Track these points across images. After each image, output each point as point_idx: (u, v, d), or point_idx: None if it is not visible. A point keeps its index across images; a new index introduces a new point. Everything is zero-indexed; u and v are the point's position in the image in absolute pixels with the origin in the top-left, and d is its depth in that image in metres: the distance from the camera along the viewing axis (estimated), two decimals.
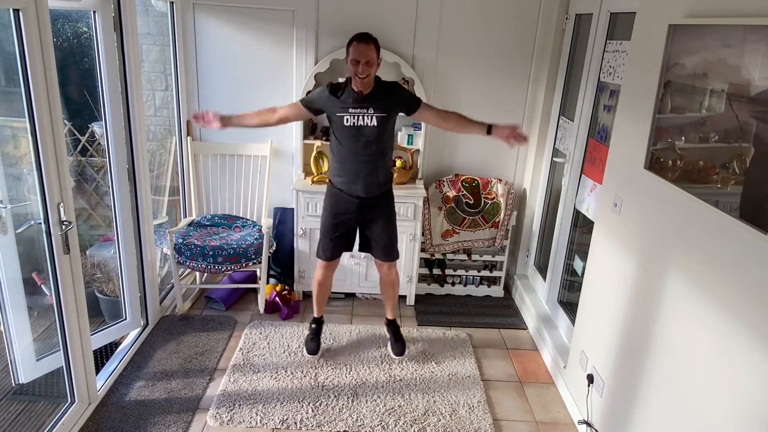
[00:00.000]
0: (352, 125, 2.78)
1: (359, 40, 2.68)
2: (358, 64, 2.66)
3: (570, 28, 3.49)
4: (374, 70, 2.72)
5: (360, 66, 2.66)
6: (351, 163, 2.86)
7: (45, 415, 2.68)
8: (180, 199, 4.03)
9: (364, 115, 2.76)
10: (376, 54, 2.70)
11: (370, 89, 2.77)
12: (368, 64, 2.67)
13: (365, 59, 2.65)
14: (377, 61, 2.73)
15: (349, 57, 2.70)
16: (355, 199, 2.92)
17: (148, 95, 4.12)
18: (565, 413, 2.88)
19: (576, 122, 3.27)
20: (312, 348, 3.20)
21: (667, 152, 2.09)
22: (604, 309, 2.55)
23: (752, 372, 1.59)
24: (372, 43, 2.68)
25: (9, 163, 2.83)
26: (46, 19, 2.10)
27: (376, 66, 2.74)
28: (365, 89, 2.75)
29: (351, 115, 2.77)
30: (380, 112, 2.77)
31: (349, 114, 2.77)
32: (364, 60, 2.65)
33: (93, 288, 3.40)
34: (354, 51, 2.67)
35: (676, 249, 2.00)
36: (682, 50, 1.99)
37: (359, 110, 2.76)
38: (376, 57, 2.71)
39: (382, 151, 2.88)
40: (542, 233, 3.90)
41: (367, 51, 2.66)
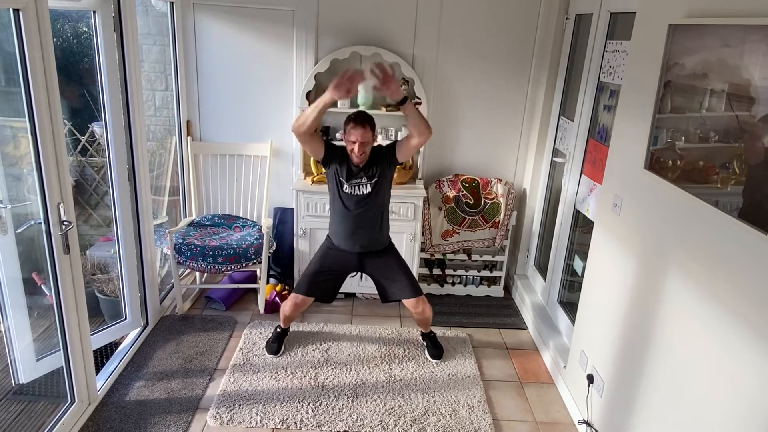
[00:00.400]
0: (350, 193, 2.95)
1: (355, 123, 2.81)
2: (355, 145, 2.82)
3: (570, 28, 3.49)
4: (369, 149, 2.88)
5: (357, 146, 2.82)
6: (349, 222, 3.00)
7: (45, 415, 2.68)
8: (180, 199, 4.03)
9: (360, 185, 2.94)
10: (371, 135, 2.85)
11: (366, 161, 2.93)
12: (364, 144, 2.83)
13: (361, 140, 2.81)
14: (372, 140, 2.88)
15: (345, 135, 2.86)
16: (354, 255, 3.05)
17: (148, 95, 4.12)
18: (565, 413, 2.88)
19: (576, 122, 3.27)
20: (273, 349, 3.21)
21: (667, 152, 2.09)
22: (604, 309, 2.55)
23: (752, 372, 1.59)
24: (368, 126, 2.83)
25: (9, 163, 2.83)
26: (46, 19, 2.10)
27: (371, 144, 2.89)
28: (362, 163, 2.91)
29: (350, 185, 2.93)
30: (374, 179, 2.93)
31: (348, 184, 2.93)
32: (361, 141, 2.81)
33: (93, 288, 3.40)
34: (351, 133, 2.82)
35: (676, 249, 2.00)
36: (682, 50, 1.99)
37: (357, 181, 2.94)
38: (371, 137, 2.85)
39: (378, 209, 3.02)
40: (542, 233, 3.90)
41: (364, 134, 2.81)
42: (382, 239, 3.09)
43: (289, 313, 3.15)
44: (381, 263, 3.08)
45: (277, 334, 3.27)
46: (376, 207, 2.98)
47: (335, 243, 3.08)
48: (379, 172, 2.92)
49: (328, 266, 3.10)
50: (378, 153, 2.95)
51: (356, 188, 2.93)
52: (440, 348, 3.27)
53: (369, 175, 2.92)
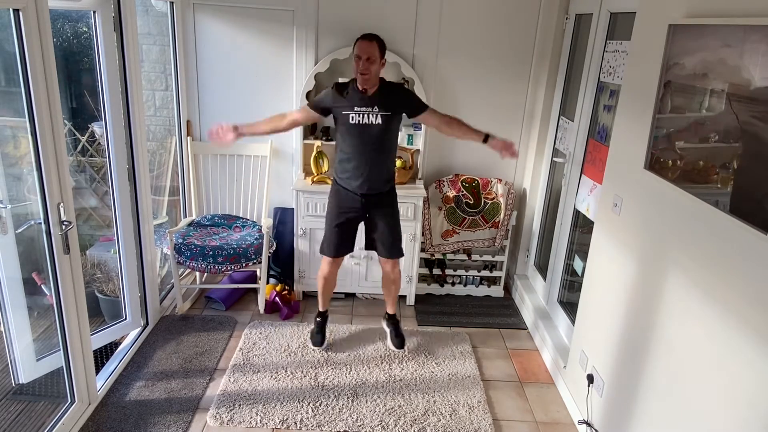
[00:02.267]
0: (357, 123, 2.84)
1: (363, 38, 2.76)
2: (360, 60, 2.73)
3: (570, 28, 3.49)
4: (376, 68, 2.77)
5: (361, 62, 2.72)
6: (355, 160, 2.92)
7: (45, 415, 2.68)
8: (180, 199, 4.03)
9: (369, 114, 2.82)
10: (378, 52, 2.75)
11: (375, 89, 2.84)
12: (369, 60, 2.72)
13: (366, 55, 2.72)
14: (380, 60, 2.79)
15: (354, 55, 2.78)
16: (359, 196, 2.98)
17: (148, 95, 4.12)
18: (565, 413, 2.88)
19: (576, 122, 3.27)
20: (318, 340, 3.26)
21: (667, 152, 2.09)
22: (604, 309, 2.55)
23: (752, 372, 1.59)
24: (375, 41, 2.75)
25: (9, 163, 2.83)
26: (46, 19, 2.10)
27: (379, 65, 2.79)
28: (369, 87, 2.82)
29: (357, 113, 2.82)
30: (385, 111, 2.83)
31: (354, 112, 2.83)
32: (365, 56, 2.72)
33: (93, 288, 3.40)
34: (357, 48, 2.75)
35: (675, 249, 2.00)
36: (682, 50, 1.99)
37: (364, 109, 2.82)
38: (379, 55, 2.76)
39: (386, 149, 2.96)
40: (542, 233, 3.90)
41: (369, 48, 2.72)
42: (387, 177, 3.03)
43: (327, 274, 3.16)
44: (378, 215, 3.04)
45: (319, 324, 3.30)
46: (383, 142, 2.91)
47: (341, 184, 3.01)
48: (393, 108, 2.85)
49: (343, 209, 3.04)
50: (397, 92, 2.92)
51: (364, 117, 2.82)
52: (402, 337, 3.29)
53: (381, 107, 2.82)
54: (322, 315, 3.35)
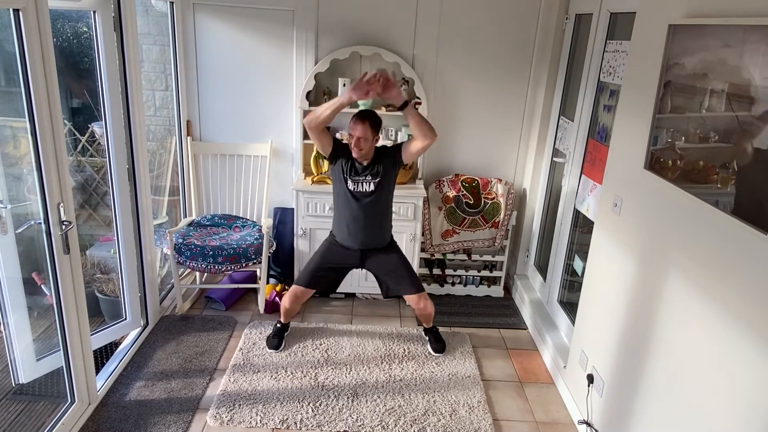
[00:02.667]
0: (353, 190, 2.98)
1: (357, 118, 2.88)
2: (353, 140, 2.87)
3: (570, 28, 3.49)
4: (369, 145, 2.92)
5: (354, 141, 2.87)
6: (353, 224, 3.04)
7: (45, 415, 2.68)
8: (180, 199, 4.03)
9: (363, 182, 2.98)
10: (371, 131, 2.88)
11: (371, 159, 2.97)
12: (361, 140, 2.86)
13: (359, 135, 2.85)
14: (374, 139, 2.90)
15: (350, 131, 2.91)
16: (355, 252, 3.08)
17: (148, 95, 4.12)
18: (565, 413, 2.88)
19: (576, 122, 3.26)
20: (274, 344, 3.26)
21: (667, 152, 2.09)
22: (604, 309, 2.55)
23: (752, 372, 1.59)
24: (368, 122, 2.86)
25: (9, 163, 2.83)
26: (46, 19, 2.10)
27: (372, 142, 2.91)
28: (364, 160, 2.95)
29: (353, 182, 2.97)
30: (377, 178, 2.96)
31: (351, 180, 2.97)
32: (358, 136, 2.86)
33: (93, 288, 3.40)
34: (352, 127, 2.89)
35: (675, 249, 2.00)
36: (682, 50, 1.99)
37: (360, 178, 2.97)
38: (372, 134, 2.88)
39: (382, 211, 3.07)
40: (542, 233, 3.90)
41: (364, 130, 2.86)
42: (384, 237, 3.13)
43: (289, 305, 3.18)
44: (383, 260, 3.12)
45: (277, 330, 3.30)
46: (378, 205, 3.02)
47: (338, 240, 3.11)
48: (383, 171, 2.96)
49: (330, 262, 3.14)
50: (383, 153, 3.00)
51: (360, 185, 2.97)
52: (443, 342, 3.33)
53: (373, 174, 2.96)
54: (284, 325, 3.31)
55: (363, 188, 2.97)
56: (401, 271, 3.12)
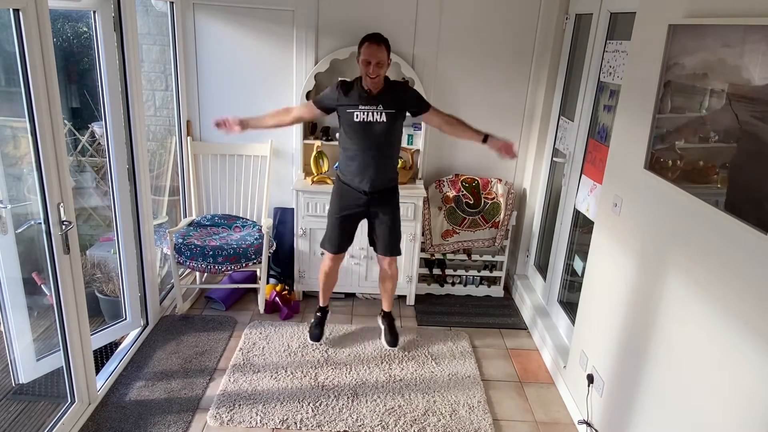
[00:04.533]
0: (362, 121, 2.87)
1: (371, 41, 2.77)
2: (369, 65, 2.76)
3: (570, 28, 3.49)
4: (384, 70, 2.82)
5: (371, 67, 2.76)
6: (360, 158, 2.94)
7: (45, 415, 2.68)
8: (180, 199, 4.03)
9: (373, 112, 2.85)
10: (386, 55, 2.79)
11: (380, 88, 2.87)
12: (378, 65, 2.76)
13: (376, 60, 2.75)
14: (387, 62, 2.83)
15: (360, 57, 2.79)
16: (361, 194, 3.01)
17: (148, 95, 4.12)
18: (565, 413, 2.88)
19: (576, 122, 3.27)
20: (316, 335, 3.30)
21: (667, 152, 2.09)
22: (604, 309, 2.55)
23: (751, 372, 1.59)
24: (383, 45, 2.78)
25: (9, 163, 2.83)
26: (46, 19, 2.10)
27: (386, 66, 2.83)
28: (375, 88, 2.85)
29: (361, 112, 2.86)
30: (389, 110, 2.87)
31: (359, 110, 2.86)
32: (375, 61, 2.75)
33: (93, 288, 3.40)
34: (365, 52, 2.76)
35: (675, 249, 2.00)
36: (682, 50, 1.99)
37: (369, 107, 2.85)
38: (387, 58, 2.80)
39: (389, 147, 3.00)
40: (542, 233, 3.90)
41: (378, 53, 2.75)
42: (390, 177, 3.06)
43: (328, 269, 3.22)
44: (381, 212, 3.07)
45: (319, 319, 3.35)
46: (387, 139, 2.94)
47: (345, 181, 3.04)
48: (397, 107, 2.88)
49: (345, 206, 3.08)
50: (402, 91, 2.95)
51: (369, 115, 2.85)
52: (396, 335, 3.32)
53: (386, 105, 2.86)
54: (323, 310, 3.39)
55: (373, 118, 2.85)
56: (387, 232, 3.10)
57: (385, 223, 3.09)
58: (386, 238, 3.11)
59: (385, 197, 3.06)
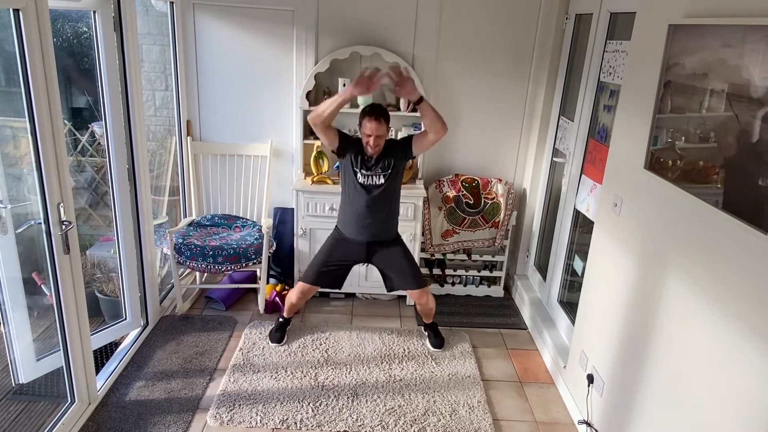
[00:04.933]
0: (363, 183, 2.98)
1: (371, 116, 2.85)
2: (370, 138, 2.87)
3: (570, 28, 3.49)
4: (384, 141, 2.92)
5: (371, 139, 2.87)
6: (362, 216, 3.02)
7: (45, 415, 2.68)
8: (180, 199, 4.03)
9: (374, 176, 2.97)
10: (386, 128, 2.90)
11: (380, 153, 2.97)
12: (379, 138, 2.88)
13: (377, 134, 2.86)
14: (386, 134, 2.93)
15: (361, 128, 2.92)
16: (361, 246, 3.08)
17: (148, 95, 4.12)
18: (565, 413, 2.88)
19: (576, 122, 3.27)
20: (276, 338, 3.31)
21: (667, 152, 2.09)
22: (604, 309, 2.55)
23: (751, 372, 1.59)
24: (383, 119, 2.87)
25: (9, 163, 2.83)
26: (46, 19, 2.10)
27: (386, 136, 2.93)
28: (376, 154, 2.96)
29: (362, 175, 2.97)
30: (387, 171, 2.97)
31: (361, 174, 2.97)
32: (376, 134, 2.86)
33: (93, 288, 3.40)
34: (367, 126, 2.87)
35: (675, 249, 2.00)
36: (682, 50, 1.99)
37: (370, 172, 2.97)
38: (386, 130, 2.90)
39: (391, 204, 3.07)
40: (542, 233, 3.90)
41: (379, 128, 2.86)
42: (391, 230, 3.13)
43: (295, 300, 3.21)
44: (388, 254, 3.12)
45: (279, 324, 3.34)
46: (387, 198, 3.02)
47: (344, 233, 3.11)
48: (394, 164, 2.97)
49: (336, 257, 3.14)
50: (393, 146, 3.00)
51: (370, 178, 2.97)
52: (442, 338, 3.36)
53: (383, 167, 2.96)
54: (286, 319, 3.37)
55: (373, 181, 2.97)
56: (405, 267, 3.13)
57: (398, 260, 3.13)
58: (406, 272, 3.13)
59: (387, 244, 3.12)
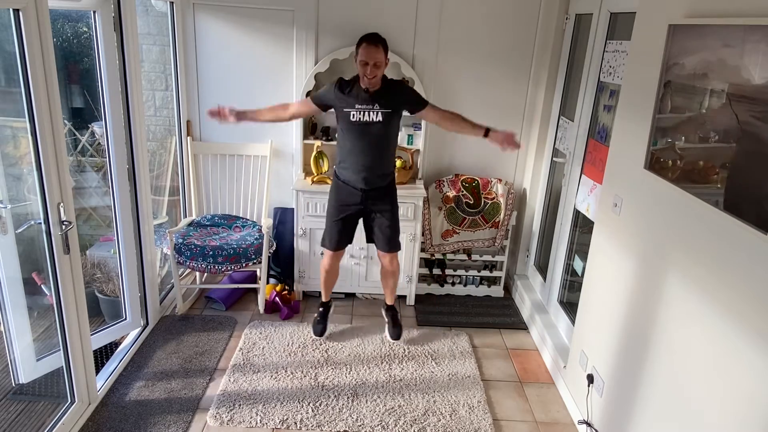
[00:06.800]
0: (358, 121, 2.88)
1: (368, 42, 2.77)
2: (367, 66, 2.77)
3: (570, 28, 3.49)
4: (382, 70, 2.83)
5: (368, 68, 2.77)
6: (356, 156, 2.96)
7: (45, 415, 2.68)
8: (180, 199, 4.04)
9: (370, 111, 2.86)
10: (384, 56, 2.80)
11: (378, 87, 2.88)
12: (376, 65, 2.78)
13: (373, 61, 2.76)
14: (385, 62, 2.83)
15: (357, 57, 2.80)
16: (358, 191, 3.03)
17: (148, 95, 4.12)
18: (565, 413, 2.88)
19: (576, 122, 3.27)
20: (318, 330, 3.33)
21: (667, 152, 2.09)
22: (604, 309, 2.55)
23: (751, 372, 1.59)
24: (380, 45, 2.78)
25: (9, 163, 2.83)
26: (46, 19, 2.10)
27: (384, 67, 2.84)
28: (372, 87, 2.86)
29: (357, 111, 2.87)
30: (386, 109, 2.88)
31: (355, 110, 2.87)
32: (373, 62, 2.76)
33: (93, 288, 3.40)
34: (363, 53, 2.77)
35: (675, 249, 2.00)
36: (682, 50, 1.99)
37: (366, 106, 2.87)
38: (384, 58, 2.81)
39: (386, 145, 3.01)
40: (542, 233, 3.90)
41: (376, 53, 2.76)
42: (386, 173, 3.07)
43: (328, 266, 3.24)
44: (379, 209, 3.08)
45: (322, 314, 3.37)
46: (383, 138, 2.96)
47: (342, 178, 3.06)
48: (394, 106, 2.90)
49: (342, 204, 3.09)
50: (398, 89, 2.95)
51: (365, 114, 2.87)
52: (400, 326, 3.36)
53: (382, 104, 2.87)
54: (325, 305, 3.42)
55: (369, 117, 2.86)
56: (387, 229, 3.11)
57: (384, 220, 3.11)
58: (386, 233, 3.13)
59: (382, 194, 3.07)
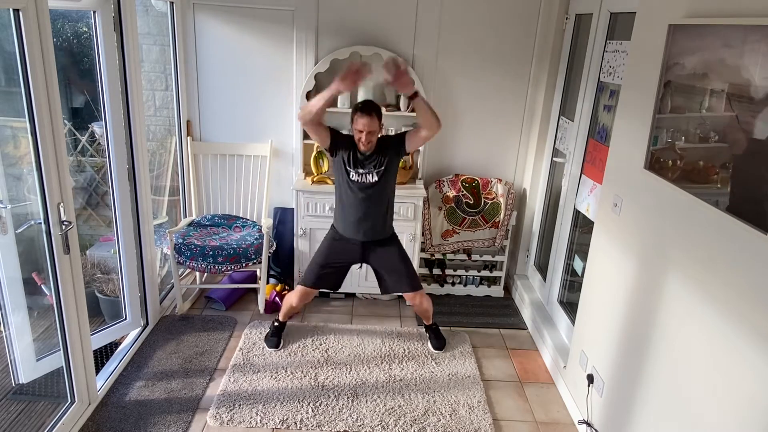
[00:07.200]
0: (357, 181, 2.95)
1: (362, 112, 2.83)
2: (362, 134, 2.83)
3: (570, 28, 3.49)
4: (376, 136, 2.89)
5: (363, 135, 2.84)
6: (355, 213, 3.01)
7: (45, 415, 2.68)
8: (180, 199, 4.04)
9: (367, 174, 2.94)
10: (378, 123, 2.86)
11: (372, 149, 2.94)
12: (371, 134, 2.84)
13: (368, 130, 2.83)
14: (379, 130, 2.90)
15: (353, 124, 2.86)
16: (357, 245, 3.07)
17: (148, 95, 4.12)
18: (565, 413, 2.88)
19: (576, 122, 3.27)
20: (273, 343, 3.28)
21: (667, 152, 2.09)
22: (604, 309, 2.55)
23: (751, 372, 1.59)
24: (374, 114, 2.84)
25: (9, 163, 2.83)
26: (46, 19, 2.10)
27: (378, 132, 2.90)
28: (368, 151, 2.93)
29: (356, 173, 2.94)
30: (380, 168, 2.94)
31: (354, 171, 2.94)
32: (367, 130, 2.83)
33: (93, 288, 3.40)
34: (358, 122, 2.84)
35: (675, 249, 2.00)
36: (682, 50, 1.99)
37: (363, 170, 2.94)
38: (378, 125, 2.87)
39: (384, 201, 3.04)
40: (542, 233, 3.90)
41: (370, 123, 2.82)
42: (386, 228, 3.10)
43: (295, 303, 3.19)
44: (383, 255, 3.10)
45: (275, 329, 3.31)
46: (381, 196, 3.00)
47: (340, 232, 3.09)
48: (387, 161, 2.94)
49: (334, 257, 3.12)
50: (386, 142, 2.97)
51: (363, 176, 2.93)
52: (443, 339, 3.35)
53: (376, 164, 2.93)
54: (281, 323, 3.34)
55: (366, 179, 2.94)
56: (400, 269, 3.11)
57: (394, 262, 3.11)
58: (403, 274, 3.12)
59: (384, 243, 3.10)
